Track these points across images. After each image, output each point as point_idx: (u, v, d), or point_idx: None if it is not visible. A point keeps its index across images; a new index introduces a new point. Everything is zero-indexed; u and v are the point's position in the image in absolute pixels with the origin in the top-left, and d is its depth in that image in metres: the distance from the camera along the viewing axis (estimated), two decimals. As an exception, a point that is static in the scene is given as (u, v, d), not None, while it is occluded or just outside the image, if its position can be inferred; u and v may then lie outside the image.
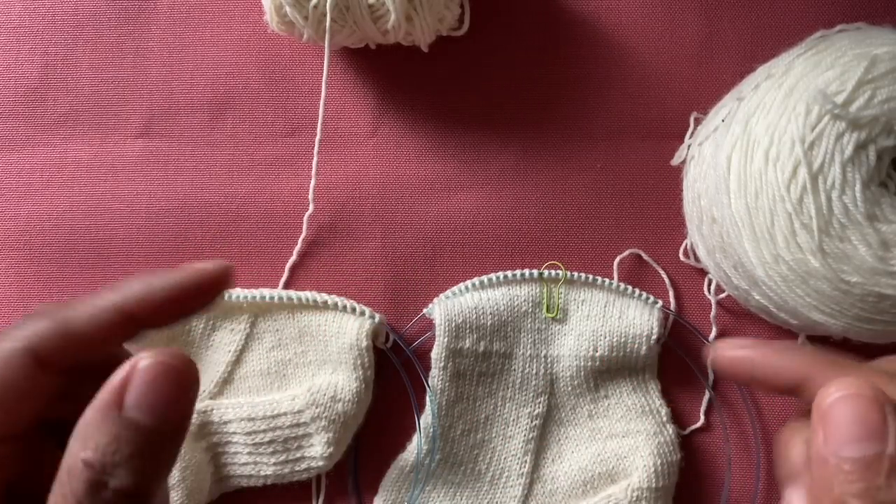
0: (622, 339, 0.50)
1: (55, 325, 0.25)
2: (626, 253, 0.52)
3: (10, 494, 0.25)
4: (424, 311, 0.51)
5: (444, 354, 0.50)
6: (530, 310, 0.51)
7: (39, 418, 0.26)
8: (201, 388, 0.50)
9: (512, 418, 0.51)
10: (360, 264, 0.53)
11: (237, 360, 0.51)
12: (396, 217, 0.53)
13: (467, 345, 0.50)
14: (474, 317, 0.50)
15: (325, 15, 0.46)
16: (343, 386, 0.49)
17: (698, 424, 0.52)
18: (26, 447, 0.26)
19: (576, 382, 0.50)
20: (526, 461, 0.50)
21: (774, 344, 0.30)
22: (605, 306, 0.51)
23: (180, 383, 0.24)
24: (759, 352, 0.29)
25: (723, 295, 0.52)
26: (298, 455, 0.49)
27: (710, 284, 0.52)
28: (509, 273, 0.51)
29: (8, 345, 0.24)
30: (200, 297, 0.26)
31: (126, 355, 0.26)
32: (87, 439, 0.22)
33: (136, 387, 0.23)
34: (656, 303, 0.51)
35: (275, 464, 0.49)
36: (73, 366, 0.26)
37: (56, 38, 0.53)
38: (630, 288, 0.51)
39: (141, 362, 0.23)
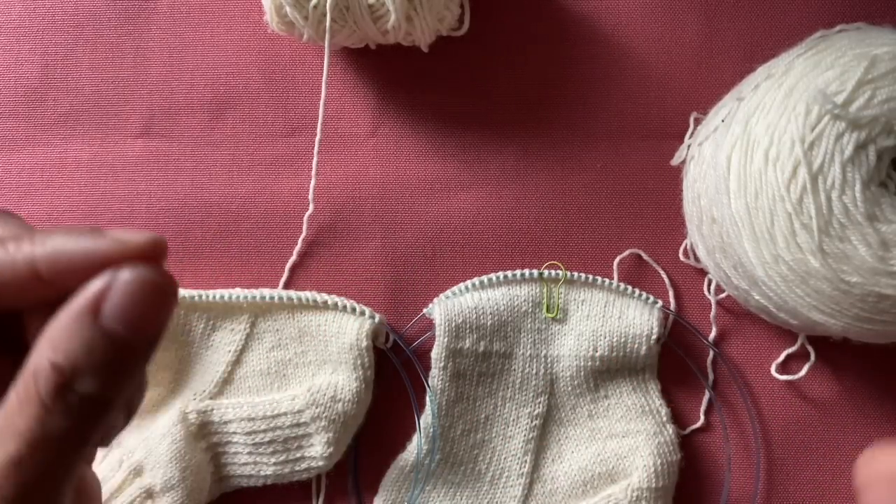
0: (622, 339, 0.50)
1: None
2: (626, 253, 0.52)
3: None
4: (424, 311, 0.51)
5: (444, 354, 0.50)
6: (530, 310, 0.51)
7: None
8: (201, 388, 0.50)
9: (512, 418, 0.51)
10: (360, 264, 0.53)
11: (237, 360, 0.51)
12: (396, 217, 0.53)
13: (467, 345, 0.50)
14: (474, 317, 0.50)
15: (325, 15, 0.46)
16: (343, 386, 0.49)
17: (698, 424, 0.52)
18: None
19: (576, 382, 0.50)
20: (526, 461, 0.50)
21: None
22: (605, 306, 0.51)
23: (161, 300, 0.23)
24: None
25: (723, 295, 0.52)
26: (298, 455, 0.49)
27: (710, 284, 0.52)
28: (509, 273, 0.51)
29: None
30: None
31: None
32: (58, 343, 0.22)
33: (116, 297, 0.22)
34: (656, 303, 0.51)
35: (275, 464, 0.49)
36: None
37: (56, 38, 0.53)
38: (630, 288, 0.51)
39: (124, 274, 0.22)
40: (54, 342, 0.22)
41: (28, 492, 0.22)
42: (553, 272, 0.51)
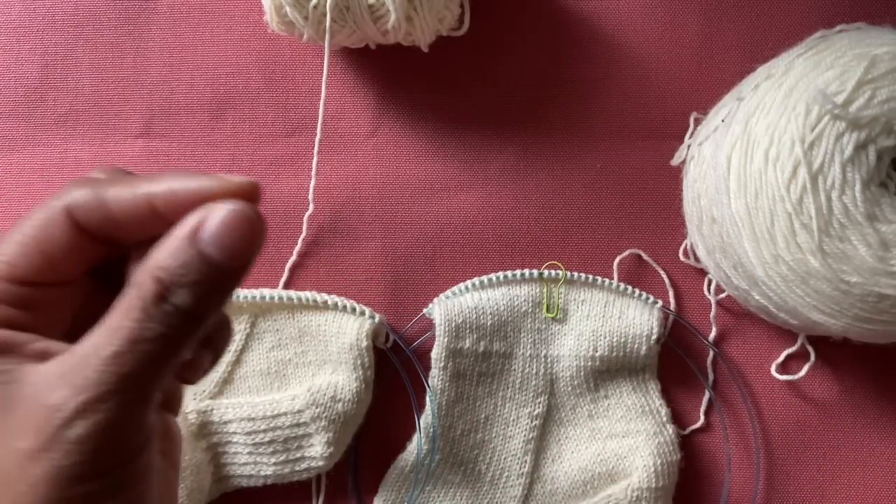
0: (622, 339, 0.50)
1: (93, 200, 0.27)
2: (626, 253, 0.52)
3: (72, 333, 0.28)
4: (424, 311, 0.51)
5: (444, 354, 0.50)
6: (530, 310, 0.51)
7: (88, 271, 0.29)
8: (200, 388, 0.50)
9: (512, 418, 0.51)
10: (360, 264, 0.53)
11: (237, 360, 0.51)
12: (396, 217, 0.53)
13: (467, 345, 0.50)
14: (474, 317, 0.50)
15: (325, 15, 0.46)
16: (343, 386, 0.49)
17: (698, 424, 0.52)
18: (85, 292, 0.30)
19: (576, 382, 0.50)
20: (526, 461, 0.50)
21: None
22: (605, 306, 0.51)
23: (251, 232, 0.26)
24: None
25: (723, 295, 0.52)
26: (298, 455, 0.49)
27: (710, 284, 0.52)
28: (509, 273, 0.51)
29: (55, 202, 0.28)
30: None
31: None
32: (160, 261, 0.26)
33: (213, 225, 0.26)
34: (656, 303, 0.51)
35: (275, 464, 0.49)
36: (110, 238, 0.28)
37: (56, 38, 0.53)
38: (630, 288, 0.51)
39: (221, 206, 0.26)
40: (157, 260, 0.26)
41: (123, 383, 0.25)
42: (553, 272, 0.51)
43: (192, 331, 0.26)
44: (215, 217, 0.26)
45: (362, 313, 0.50)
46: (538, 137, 0.53)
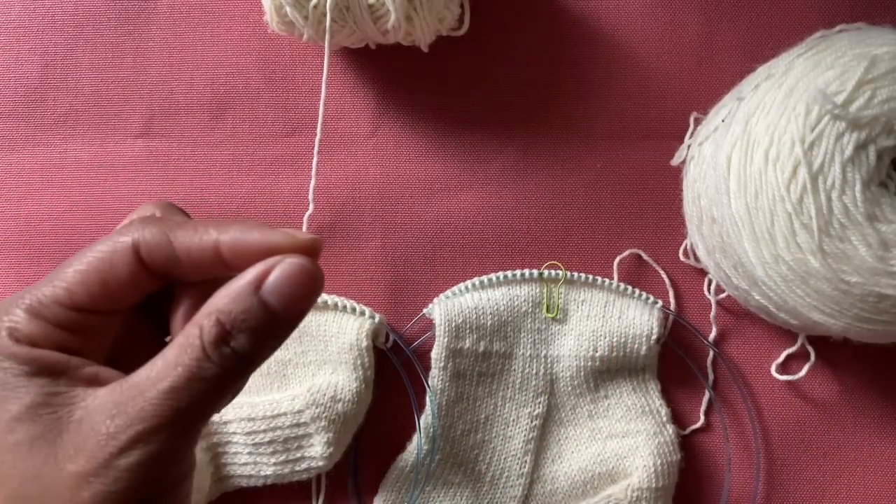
0: (622, 339, 0.50)
1: (161, 240, 0.29)
2: (626, 253, 0.52)
3: (109, 359, 0.30)
4: (424, 311, 0.51)
5: (444, 354, 0.50)
6: (530, 310, 0.51)
7: (139, 303, 0.31)
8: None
9: (512, 418, 0.51)
10: (360, 264, 0.53)
11: (237, 360, 0.51)
12: (396, 217, 0.53)
13: (467, 345, 0.50)
14: (474, 317, 0.50)
15: (325, 15, 0.46)
16: (343, 386, 0.49)
17: (698, 424, 0.52)
18: (126, 322, 0.31)
19: (576, 382, 0.50)
20: (526, 461, 0.50)
21: None
22: (605, 306, 0.51)
23: (311, 286, 0.28)
24: None
25: (723, 295, 0.52)
26: (298, 455, 0.49)
27: (710, 284, 0.52)
28: (509, 273, 0.51)
29: (121, 238, 0.29)
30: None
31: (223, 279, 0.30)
32: (224, 305, 0.27)
33: (278, 278, 0.28)
34: (656, 303, 0.51)
35: (275, 464, 0.49)
36: (168, 276, 0.30)
37: (56, 38, 0.53)
38: (630, 288, 0.51)
39: (288, 260, 0.28)
40: (220, 304, 0.27)
41: (177, 417, 0.27)
42: (553, 272, 0.51)
43: (246, 373, 0.28)
44: (281, 270, 0.28)
45: (362, 313, 0.50)
46: (538, 137, 0.53)
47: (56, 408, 0.27)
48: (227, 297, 0.27)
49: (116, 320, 0.30)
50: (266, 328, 0.28)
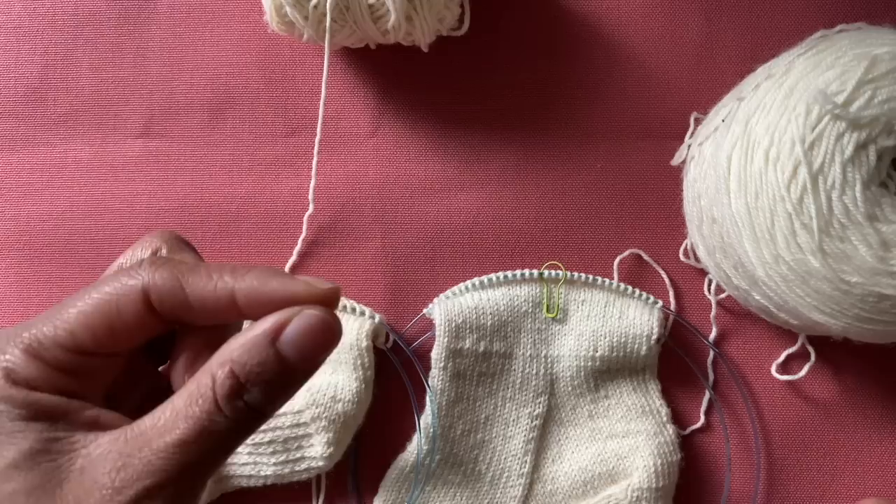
0: (622, 339, 0.50)
1: (173, 285, 0.28)
2: (626, 253, 0.52)
3: (108, 398, 0.29)
4: (424, 311, 0.51)
5: (444, 354, 0.50)
6: (530, 310, 0.51)
7: (143, 345, 0.30)
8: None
9: (512, 418, 0.51)
10: (360, 264, 0.53)
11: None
12: (396, 217, 0.53)
13: (467, 345, 0.50)
14: (474, 317, 0.50)
15: (325, 15, 0.46)
16: (343, 386, 0.49)
17: (698, 424, 0.52)
18: (128, 362, 0.30)
19: (576, 382, 0.50)
20: (526, 461, 0.50)
21: None
22: (605, 306, 0.51)
23: (328, 339, 0.27)
24: None
25: (723, 295, 0.52)
26: (298, 455, 0.49)
27: (710, 284, 0.52)
28: (509, 273, 0.51)
29: (131, 281, 0.28)
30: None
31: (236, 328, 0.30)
32: (239, 356, 0.26)
33: (295, 329, 0.26)
34: (656, 303, 0.51)
35: (275, 464, 0.49)
36: (177, 320, 0.29)
37: (56, 38, 0.53)
38: (630, 288, 0.51)
39: (308, 311, 0.27)
40: (234, 354, 0.26)
41: (186, 471, 0.26)
42: (553, 272, 0.51)
43: (257, 426, 0.27)
44: (300, 323, 0.27)
45: (362, 313, 0.50)
46: (538, 137, 0.53)
47: (55, 455, 0.26)
48: (241, 348, 0.26)
49: (118, 362, 0.29)
50: (281, 381, 0.27)
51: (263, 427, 0.49)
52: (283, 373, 0.27)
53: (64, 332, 0.27)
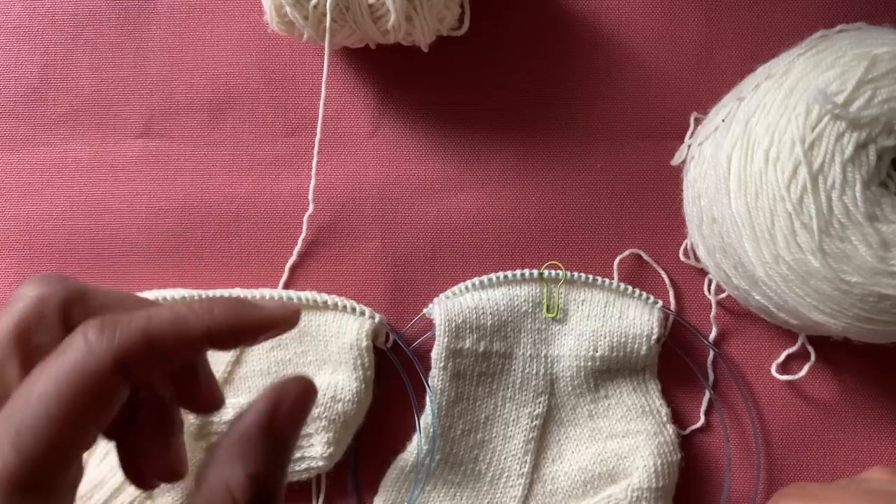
0: (622, 339, 0.50)
1: (143, 344, 0.25)
2: (626, 253, 0.52)
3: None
4: (424, 311, 0.51)
5: (444, 354, 0.50)
6: (530, 310, 0.51)
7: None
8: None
9: (512, 418, 0.51)
10: (360, 264, 0.53)
11: (237, 361, 0.51)
12: (396, 217, 0.53)
13: (467, 345, 0.50)
14: (474, 317, 0.50)
15: (325, 15, 0.46)
16: (343, 386, 0.49)
17: (698, 424, 0.52)
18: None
19: (576, 382, 0.50)
20: (526, 461, 0.50)
21: None
22: (605, 306, 0.51)
23: (310, 401, 0.26)
24: None
25: (723, 295, 0.52)
26: (298, 455, 0.49)
27: (710, 284, 0.52)
28: (509, 273, 0.51)
29: (98, 360, 0.25)
30: (267, 336, 0.29)
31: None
32: (250, 454, 0.24)
33: (287, 407, 0.25)
34: (656, 303, 0.51)
35: (275, 464, 0.49)
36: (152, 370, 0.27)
37: (56, 38, 0.53)
38: (630, 288, 0.51)
39: (291, 386, 0.26)
40: (245, 454, 0.24)
41: None
42: (553, 272, 0.51)
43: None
44: (288, 399, 0.25)
45: (362, 313, 0.50)
46: (538, 137, 0.53)
47: None
48: (249, 444, 0.25)
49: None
50: (284, 458, 0.25)
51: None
52: (286, 450, 0.25)
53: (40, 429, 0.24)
